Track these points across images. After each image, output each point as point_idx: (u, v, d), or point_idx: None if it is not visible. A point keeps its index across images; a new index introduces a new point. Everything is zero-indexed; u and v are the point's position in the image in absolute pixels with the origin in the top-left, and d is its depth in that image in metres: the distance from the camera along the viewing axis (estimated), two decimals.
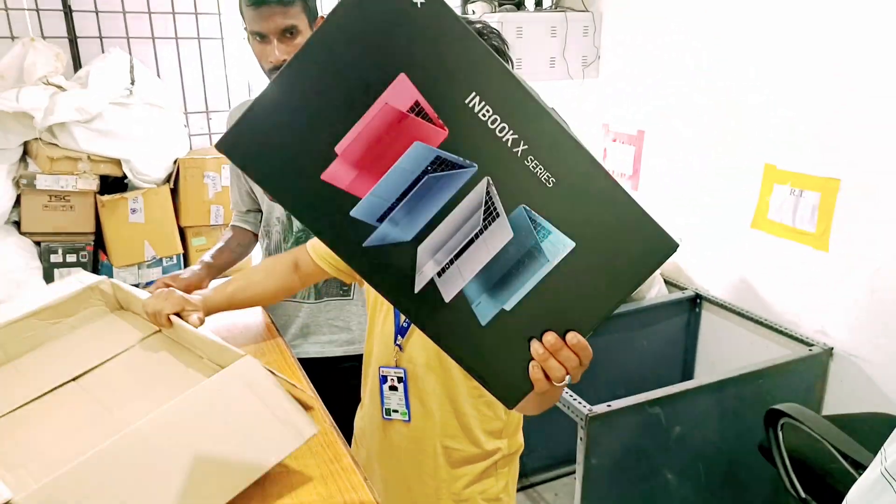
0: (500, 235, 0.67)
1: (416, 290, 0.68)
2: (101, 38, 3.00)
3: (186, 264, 3.07)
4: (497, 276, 0.68)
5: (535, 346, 0.68)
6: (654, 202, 2.55)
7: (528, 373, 0.69)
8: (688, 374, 2.44)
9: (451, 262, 0.68)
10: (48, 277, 2.68)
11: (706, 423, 1.86)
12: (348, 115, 0.64)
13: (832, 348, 1.98)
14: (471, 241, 0.67)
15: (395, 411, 1.14)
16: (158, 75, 3.08)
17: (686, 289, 2.42)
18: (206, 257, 1.55)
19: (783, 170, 2.07)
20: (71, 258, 2.83)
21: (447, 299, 0.68)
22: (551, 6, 2.68)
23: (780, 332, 2.11)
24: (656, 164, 2.53)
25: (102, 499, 0.76)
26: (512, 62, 0.97)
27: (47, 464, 0.89)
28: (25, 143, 2.75)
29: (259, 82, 1.44)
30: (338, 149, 0.64)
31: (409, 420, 1.13)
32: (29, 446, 0.95)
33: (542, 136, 0.65)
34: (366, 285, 1.16)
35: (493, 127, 0.64)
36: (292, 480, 0.91)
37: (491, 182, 0.66)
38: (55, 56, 2.80)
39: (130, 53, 2.97)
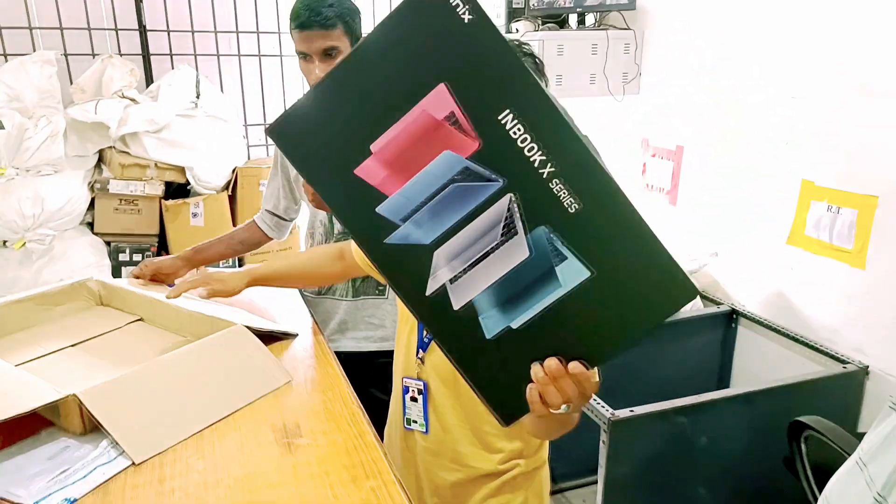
0: (516, 253, 0.68)
1: (428, 292, 0.71)
2: (171, 55, 3.24)
3: (240, 266, 3.25)
4: (509, 292, 0.69)
5: (536, 369, 0.68)
6: (692, 217, 2.57)
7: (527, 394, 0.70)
8: (723, 388, 2.44)
9: (466, 271, 0.70)
10: (116, 274, 2.90)
11: (733, 435, 1.87)
12: (387, 116, 0.67)
13: (868, 367, 1.97)
14: (487, 254, 0.69)
15: (415, 422, 1.15)
16: (222, 90, 3.30)
17: (722, 304, 2.43)
18: (191, 248, 1.71)
19: (821, 186, 2.07)
20: (137, 258, 3.04)
21: (456, 307, 0.70)
22: (594, 25, 2.75)
23: (816, 350, 2.10)
24: (694, 179, 2.55)
25: (143, 399, 1.10)
26: (547, 81, 1.00)
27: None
28: (100, 151, 3.00)
29: None
30: (373, 147, 0.68)
31: (428, 432, 1.14)
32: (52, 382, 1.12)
33: (572, 160, 0.65)
34: None
35: (522, 145, 0.65)
36: (320, 451, 1.01)
37: (514, 199, 0.67)
38: (130, 72, 3.04)
39: (197, 69, 3.19)
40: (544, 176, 0.66)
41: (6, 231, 2.71)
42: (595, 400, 1.77)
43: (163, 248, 3.13)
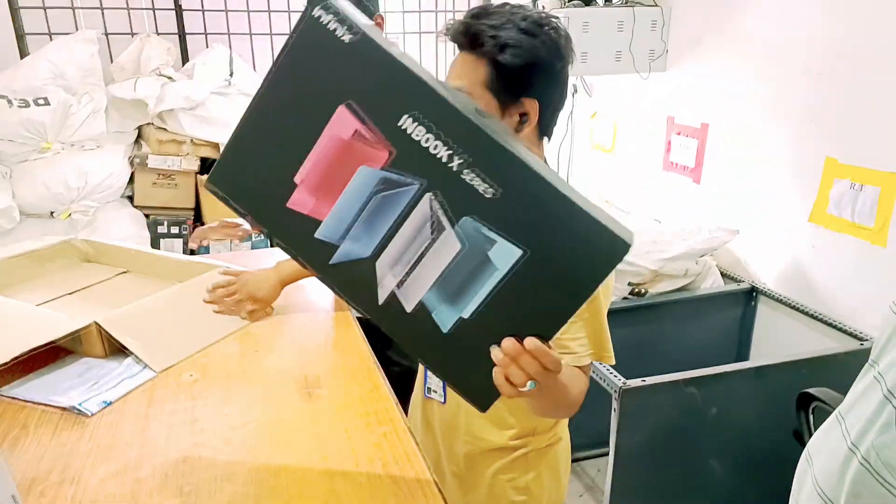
0: (449, 247, 0.71)
1: (380, 301, 0.75)
2: (205, 34, 3.34)
3: (272, 242, 3.36)
4: (454, 285, 0.72)
5: (495, 353, 0.70)
6: (715, 195, 2.58)
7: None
8: None
9: (408, 274, 0.73)
10: (155, 246, 3.03)
11: (744, 407, 1.91)
12: (303, 148, 0.72)
13: None
14: (423, 254, 0.72)
15: (434, 391, 1.19)
16: (254, 68, 3.38)
17: (742, 281, 2.44)
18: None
19: (844, 164, 2.07)
20: (174, 230, 3.17)
21: (409, 309, 0.74)
22: (622, 2, 2.75)
23: (836, 328, 2.11)
24: (718, 157, 2.56)
25: (156, 321, 1.32)
26: (573, 56, 1.00)
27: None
28: (139, 127, 3.12)
29: None
30: (297, 179, 0.73)
31: (445, 402, 1.17)
32: None
33: (478, 149, 0.68)
34: None
35: (427, 145, 0.68)
36: (337, 401, 1.10)
37: (434, 198, 0.70)
38: (167, 50, 3.14)
39: (230, 48, 3.28)
40: (454, 169, 0.68)
41: (53, 202, 2.86)
42: (608, 369, 1.82)
43: (198, 220, 3.26)
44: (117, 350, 1.25)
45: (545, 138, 1.03)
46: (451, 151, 0.68)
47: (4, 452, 0.98)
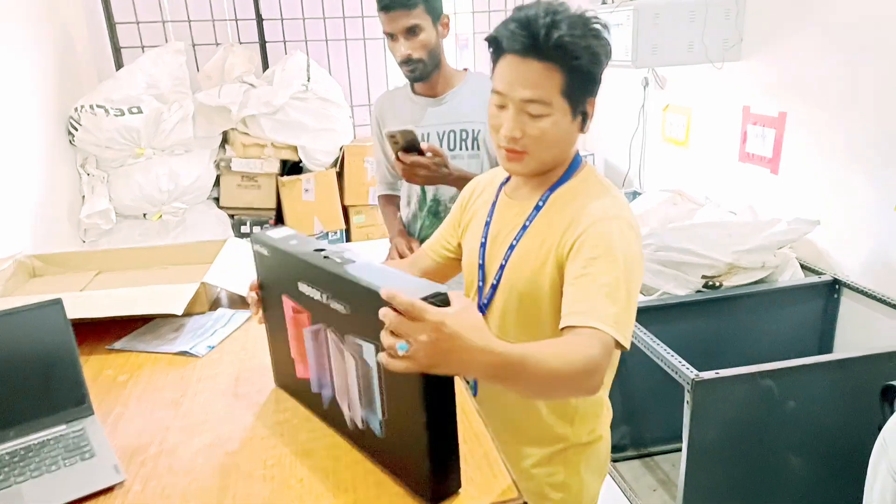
0: (349, 365, 0.91)
1: (350, 427, 0.97)
2: (284, 42, 3.50)
3: (348, 239, 3.48)
4: (367, 394, 0.89)
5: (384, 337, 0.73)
6: (794, 186, 2.49)
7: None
8: None
9: (351, 399, 0.94)
10: None
11: (824, 402, 1.84)
12: (283, 332, 1.06)
13: None
14: (346, 378, 0.93)
15: (467, 382, 1.16)
16: (330, 73, 3.52)
17: (824, 273, 2.35)
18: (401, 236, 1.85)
19: None
20: (256, 229, 3.34)
21: (360, 426, 0.94)
22: None
23: None
24: (798, 146, 2.47)
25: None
26: (609, 55, 1.02)
27: None
28: (224, 132, 3.31)
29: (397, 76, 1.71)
30: (292, 355, 1.07)
31: (476, 394, 1.17)
32: None
33: (330, 284, 0.88)
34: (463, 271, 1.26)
35: (317, 298, 0.92)
36: None
37: (329, 330, 0.93)
38: (248, 59, 3.32)
39: (308, 54, 3.43)
40: (326, 302, 0.90)
41: (146, 204, 3.07)
42: (680, 361, 1.80)
43: (279, 220, 3.42)
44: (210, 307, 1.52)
45: (583, 129, 1.09)
46: (322, 293, 0.90)
47: (108, 428, 1.09)
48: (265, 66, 3.49)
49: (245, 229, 3.34)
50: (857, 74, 2.19)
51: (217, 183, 3.31)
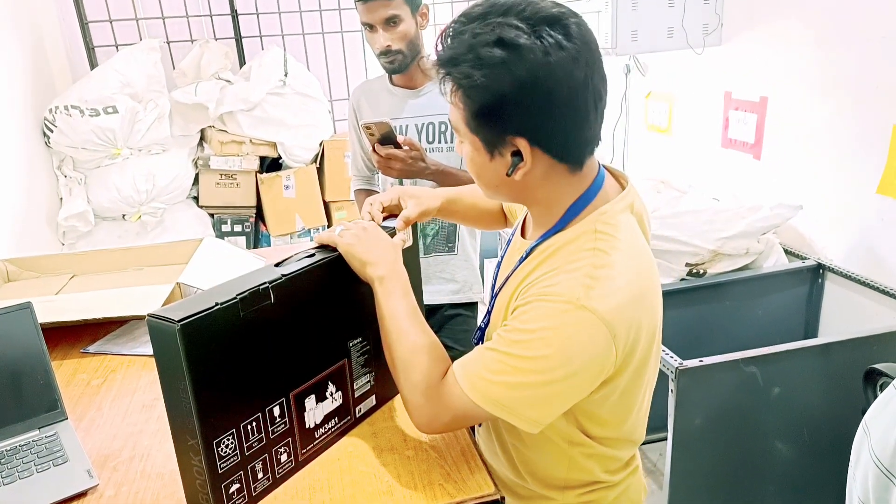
0: None
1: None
2: (261, 36, 3.45)
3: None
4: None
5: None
6: (777, 171, 2.48)
7: None
8: None
9: None
10: None
11: (809, 387, 1.84)
12: None
13: None
14: None
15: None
16: (308, 67, 3.47)
17: (807, 258, 2.35)
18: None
19: None
20: (237, 228, 3.30)
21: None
22: None
23: None
24: (779, 131, 2.46)
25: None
26: (585, 60, 0.78)
27: None
28: (202, 130, 3.26)
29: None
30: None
31: (480, 424, 1.05)
32: None
33: None
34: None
35: None
36: None
37: None
38: (224, 55, 3.27)
39: (284, 49, 3.38)
40: None
41: (125, 205, 3.03)
42: (664, 351, 1.79)
43: (260, 218, 3.38)
44: None
45: (576, 166, 0.84)
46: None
47: (82, 432, 1.06)
48: (241, 61, 3.44)
49: (225, 228, 3.30)
50: (837, 57, 2.19)
51: (196, 182, 3.26)
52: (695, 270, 2.23)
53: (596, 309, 0.75)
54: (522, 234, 0.96)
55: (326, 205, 3.39)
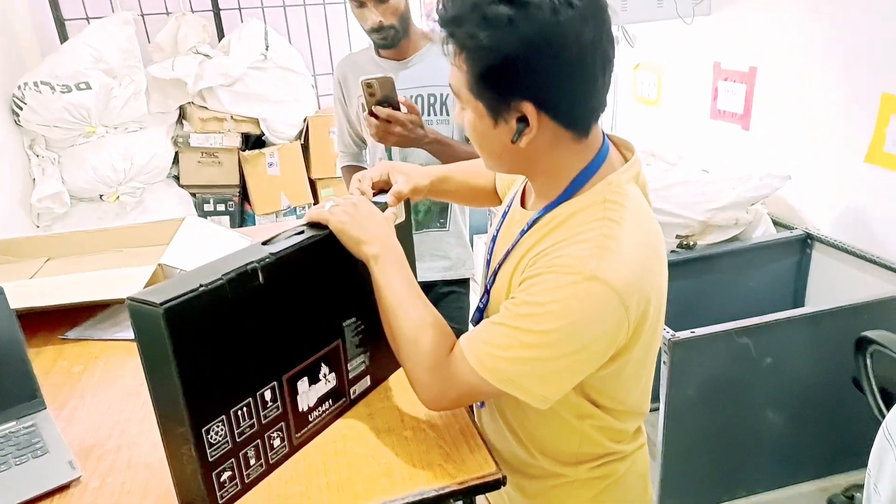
0: None
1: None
2: (239, 8, 3.34)
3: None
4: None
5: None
6: (766, 141, 2.47)
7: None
8: None
9: None
10: None
11: (800, 356, 1.85)
12: None
13: None
14: None
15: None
16: (289, 40, 3.38)
17: (796, 228, 2.35)
18: None
19: None
20: (220, 207, 3.24)
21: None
22: None
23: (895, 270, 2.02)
24: (768, 101, 2.44)
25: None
26: (597, 19, 0.76)
27: None
28: (181, 107, 3.17)
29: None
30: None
31: (483, 405, 1.03)
32: None
33: None
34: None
35: None
36: None
37: None
38: (202, 28, 3.17)
39: (265, 21, 3.28)
40: None
41: (102, 186, 2.94)
42: None
43: (244, 197, 3.31)
44: None
45: (582, 133, 0.80)
46: None
47: (63, 422, 1.02)
48: (220, 35, 3.34)
49: (208, 208, 3.23)
50: (826, 26, 2.16)
51: (176, 160, 3.18)
52: (685, 243, 2.22)
53: (608, 280, 0.73)
54: (523, 205, 0.93)
55: (312, 182, 3.33)
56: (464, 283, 1.83)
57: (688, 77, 2.82)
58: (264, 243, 0.87)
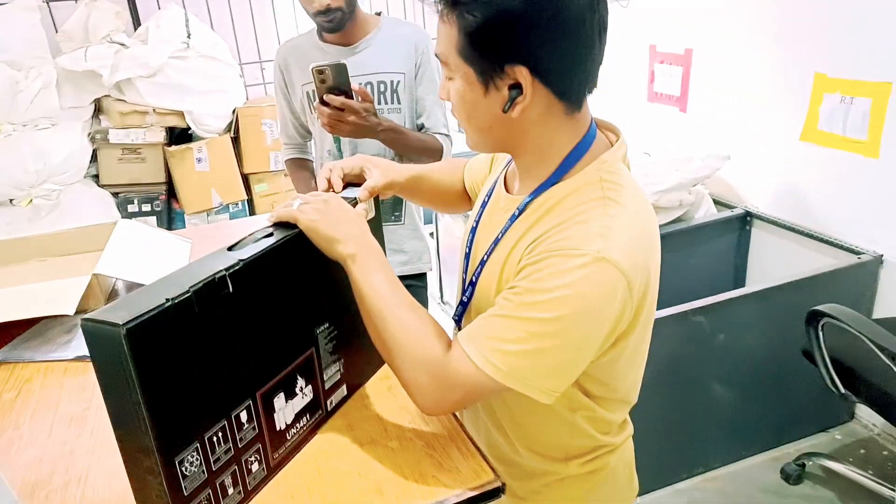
0: None
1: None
2: None
3: (251, 210, 3.25)
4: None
5: None
6: (703, 122, 2.52)
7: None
8: None
9: None
10: None
11: (751, 331, 1.90)
12: None
13: (882, 255, 1.97)
14: None
15: None
16: (212, 27, 3.20)
17: (735, 207, 2.41)
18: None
19: (834, 77, 2.02)
20: (146, 207, 3.04)
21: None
22: None
23: (831, 244, 2.10)
24: (704, 83, 2.49)
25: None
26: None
27: None
28: (96, 101, 2.95)
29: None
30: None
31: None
32: None
33: None
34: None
35: None
36: None
37: None
38: (116, 14, 2.95)
39: (185, 7, 3.09)
40: None
41: (11, 189, 2.71)
42: None
43: (171, 195, 3.13)
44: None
45: (574, 106, 0.77)
46: None
47: None
48: (136, 22, 3.13)
49: (133, 208, 3.03)
50: (760, 7, 2.21)
51: (94, 158, 2.96)
52: None
53: (616, 260, 0.70)
54: (507, 190, 0.88)
55: (245, 177, 3.18)
56: (421, 277, 1.77)
57: (625, 60, 2.84)
58: (230, 248, 0.79)
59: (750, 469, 2.02)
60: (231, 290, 0.73)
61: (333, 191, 0.95)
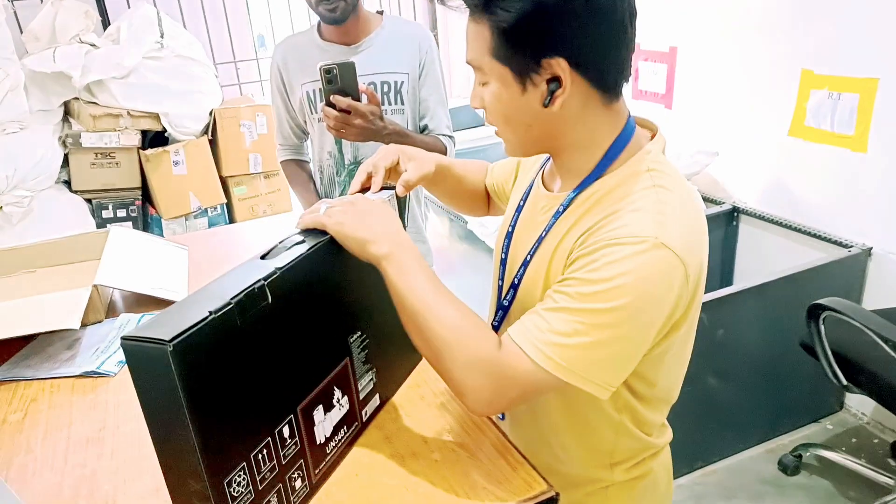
0: None
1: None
2: None
3: (230, 214, 3.17)
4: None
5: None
6: (689, 119, 2.55)
7: None
8: (726, 286, 2.49)
9: None
10: None
11: (748, 326, 1.92)
12: None
13: (871, 248, 2.01)
14: None
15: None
16: (185, 25, 3.12)
17: (723, 202, 2.44)
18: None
19: (820, 74, 2.06)
20: (121, 213, 2.94)
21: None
22: None
23: (819, 237, 2.14)
24: (690, 80, 2.52)
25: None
26: None
27: None
28: (66, 103, 2.84)
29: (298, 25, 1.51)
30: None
31: (503, 418, 0.98)
32: None
33: None
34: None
35: None
36: None
37: None
38: (85, 14, 2.85)
39: (156, 6, 3.00)
40: None
41: None
42: None
43: (147, 200, 3.03)
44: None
45: (612, 96, 0.76)
46: None
47: (14, 484, 0.85)
48: (106, 22, 3.02)
49: (107, 214, 2.93)
50: (745, 5, 2.24)
51: (66, 163, 2.85)
52: None
53: (674, 246, 0.69)
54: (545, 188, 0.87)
55: (224, 181, 3.10)
56: None
57: None
58: (262, 257, 0.76)
59: (748, 461, 2.04)
60: (270, 300, 0.70)
61: (369, 190, 0.92)
